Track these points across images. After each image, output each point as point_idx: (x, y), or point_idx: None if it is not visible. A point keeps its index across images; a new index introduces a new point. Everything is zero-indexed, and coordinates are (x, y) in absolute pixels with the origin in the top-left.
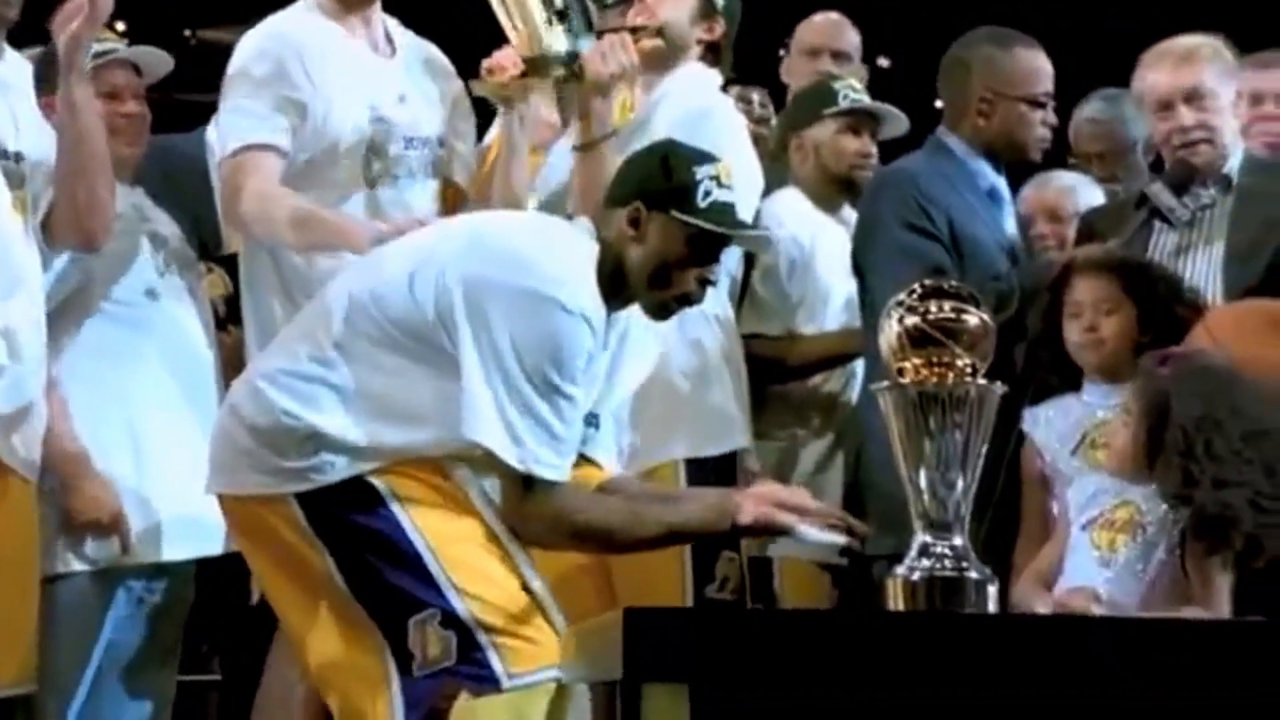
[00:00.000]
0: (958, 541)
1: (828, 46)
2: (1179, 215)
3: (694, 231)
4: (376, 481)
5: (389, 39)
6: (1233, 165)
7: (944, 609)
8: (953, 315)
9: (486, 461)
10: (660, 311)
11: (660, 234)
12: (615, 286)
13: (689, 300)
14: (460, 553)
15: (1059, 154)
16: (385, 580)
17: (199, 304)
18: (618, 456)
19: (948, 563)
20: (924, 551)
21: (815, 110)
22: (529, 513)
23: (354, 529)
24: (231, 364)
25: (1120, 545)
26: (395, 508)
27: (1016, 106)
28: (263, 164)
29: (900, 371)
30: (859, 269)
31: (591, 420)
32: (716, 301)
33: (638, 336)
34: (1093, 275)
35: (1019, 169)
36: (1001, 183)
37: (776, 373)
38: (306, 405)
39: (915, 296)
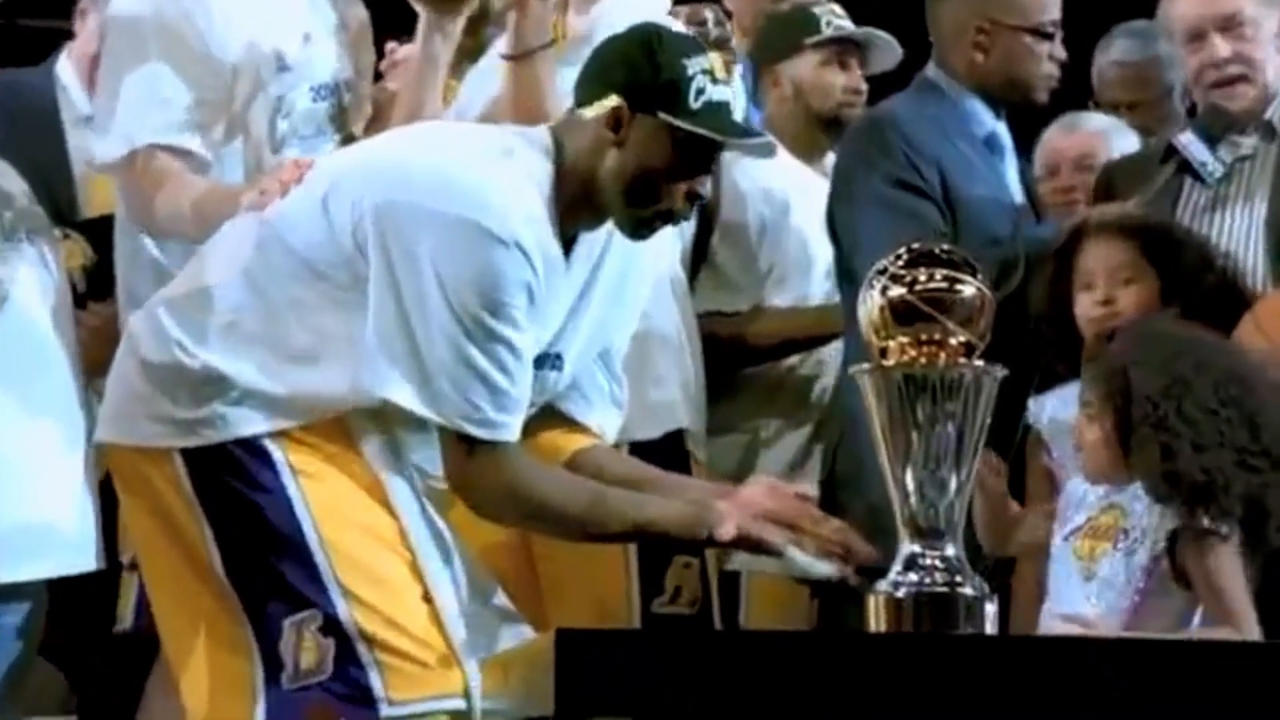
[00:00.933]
0: (950, 552)
1: None
2: (1212, 169)
3: (684, 136)
4: (271, 446)
5: None
6: (1276, 109)
7: (933, 630)
8: (945, 285)
9: (417, 431)
10: (639, 229)
11: (645, 138)
12: (585, 199)
13: (673, 216)
14: (354, 545)
15: (1078, 99)
16: (265, 565)
17: (53, 277)
18: (615, 415)
19: (938, 576)
20: (911, 563)
21: (794, 40)
22: (472, 480)
23: (239, 500)
24: (96, 346)
25: (1100, 555)
26: (287, 479)
27: (1019, 38)
28: (178, 171)
29: (883, 352)
30: (834, 232)
31: (553, 363)
32: (670, 274)
33: (637, 265)
34: (1108, 239)
35: (1022, 113)
36: (1002, 129)
37: (737, 354)
38: (202, 340)
39: (901, 263)
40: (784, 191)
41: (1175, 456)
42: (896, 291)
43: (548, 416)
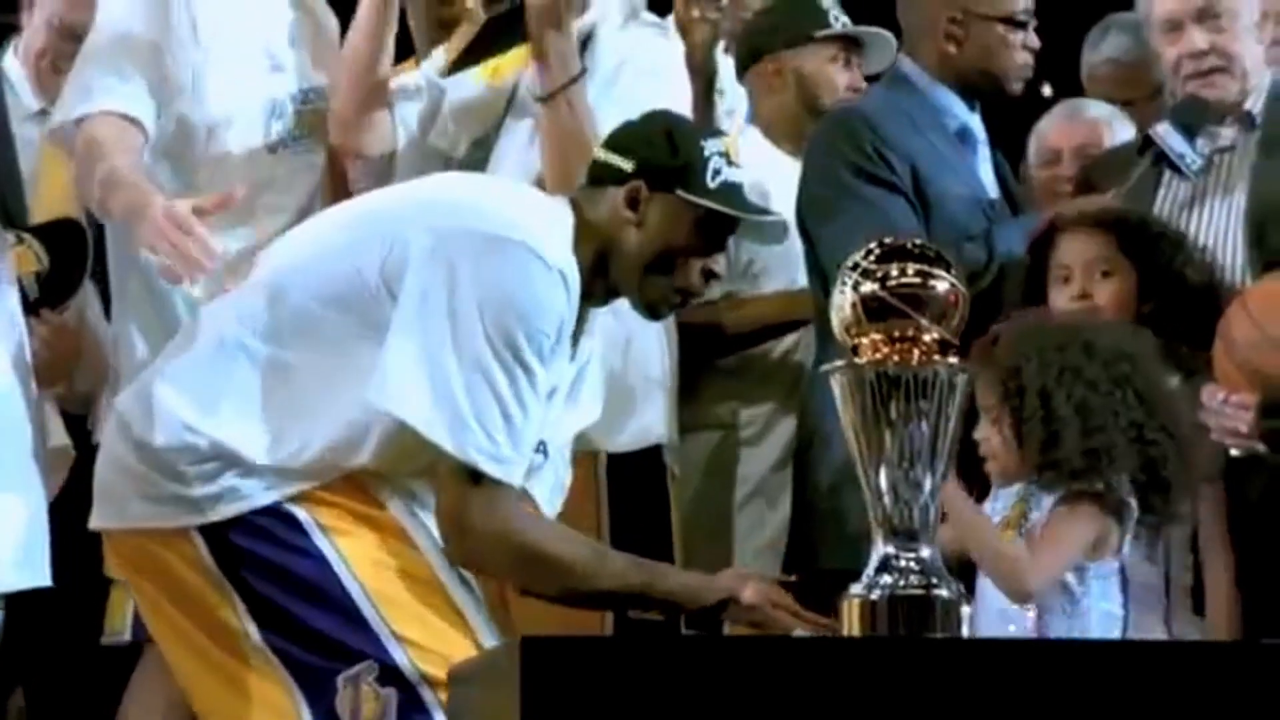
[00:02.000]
0: (925, 553)
1: None
2: (1190, 161)
3: (702, 214)
4: (297, 510)
5: None
6: (1257, 100)
7: (909, 633)
8: (918, 280)
9: (426, 483)
10: (655, 307)
11: (663, 217)
12: (599, 276)
13: (689, 294)
14: (398, 591)
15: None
16: (308, 628)
17: (4, 285)
18: (556, 496)
19: (913, 579)
20: (885, 565)
21: (803, 31)
22: (469, 521)
23: (270, 566)
24: (49, 354)
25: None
26: (320, 540)
27: (992, 28)
28: (112, 140)
29: (855, 349)
30: (803, 227)
31: (541, 448)
32: None
33: (594, 368)
34: (1084, 233)
35: (996, 104)
36: (975, 121)
37: (713, 343)
38: (208, 414)
39: (873, 258)
40: (765, 183)
41: (1059, 444)
42: (869, 287)
43: None
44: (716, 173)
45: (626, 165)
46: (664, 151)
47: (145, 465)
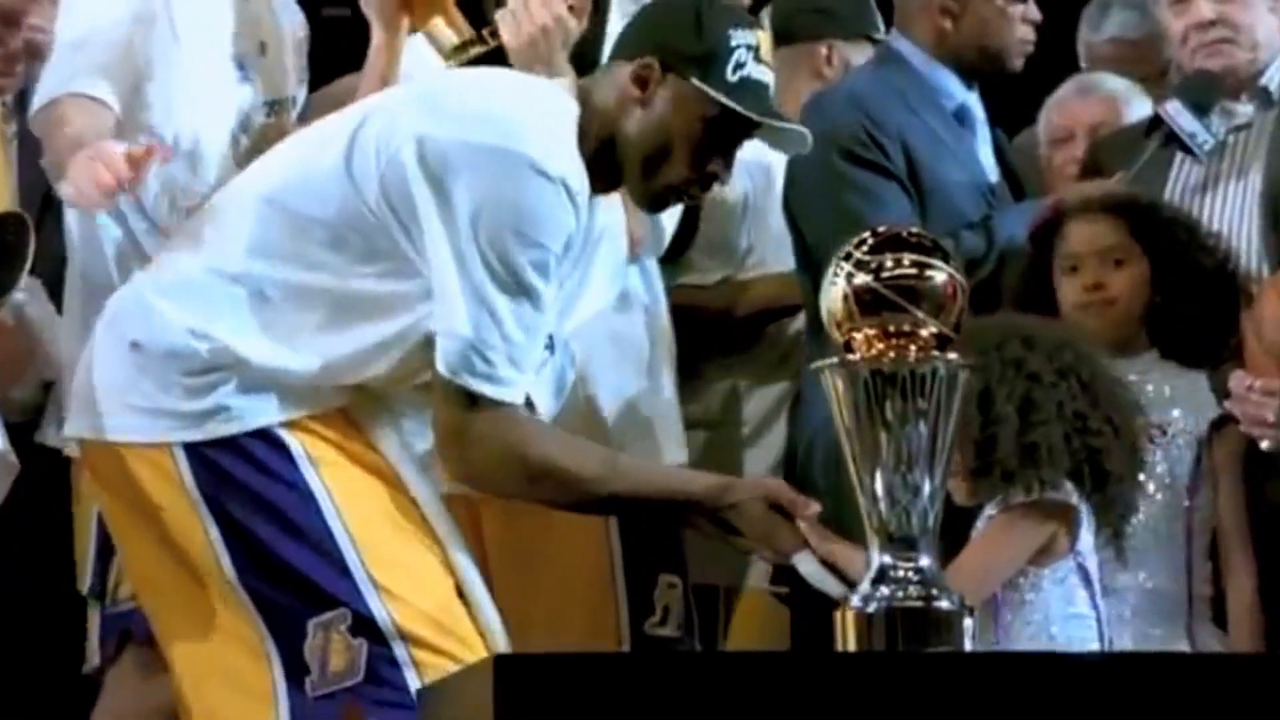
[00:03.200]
0: (924, 562)
1: None
2: (1202, 140)
3: (716, 110)
4: (286, 436)
5: None
6: (1276, 74)
7: (908, 648)
8: (914, 272)
9: (423, 415)
10: (654, 200)
11: (672, 103)
12: (601, 161)
13: (689, 192)
14: (383, 537)
15: (1057, 66)
16: (283, 563)
17: None
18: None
19: (912, 590)
20: (883, 576)
21: (864, 28)
22: (470, 438)
23: (251, 494)
24: None
25: None
26: (308, 472)
27: (991, 2)
28: (78, 118)
29: (848, 345)
30: (791, 215)
31: (549, 344)
32: (644, 283)
33: (607, 247)
34: (1093, 219)
35: (997, 82)
36: (974, 100)
37: (715, 327)
38: (212, 320)
39: (866, 248)
40: (769, 167)
41: (995, 446)
42: (862, 279)
43: None
44: (740, 66)
45: (644, 39)
46: (687, 32)
47: (136, 370)
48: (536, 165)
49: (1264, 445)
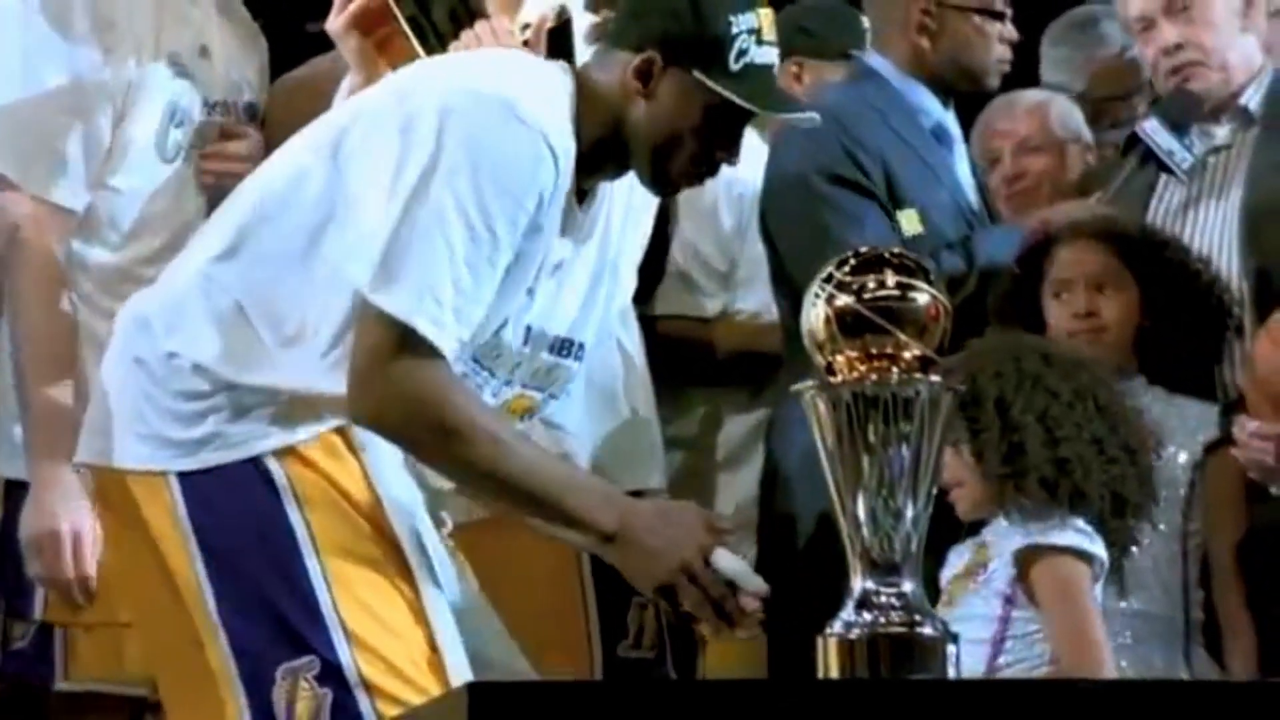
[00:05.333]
0: (907, 588)
1: None
2: (1181, 159)
3: (720, 99)
4: (276, 468)
5: None
6: (1255, 94)
7: (891, 675)
8: (897, 293)
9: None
10: (664, 186)
11: (676, 96)
12: (607, 146)
13: (702, 175)
14: (357, 581)
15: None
16: (262, 603)
17: None
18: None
19: (895, 616)
20: (865, 602)
21: (843, 46)
22: (394, 373)
23: (235, 527)
24: None
25: (960, 593)
26: (292, 510)
27: (968, 19)
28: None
29: (830, 367)
30: (767, 234)
31: (576, 353)
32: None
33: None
34: (1083, 244)
35: (973, 101)
36: (950, 118)
37: (698, 364)
38: (200, 340)
39: (848, 269)
40: (757, 184)
41: (1024, 451)
42: (844, 300)
43: None
44: (742, 53)
45: (642, 30)
46: (686, 22)
47: (142, 393)
48: (517, 113)
49: (1274, 490)
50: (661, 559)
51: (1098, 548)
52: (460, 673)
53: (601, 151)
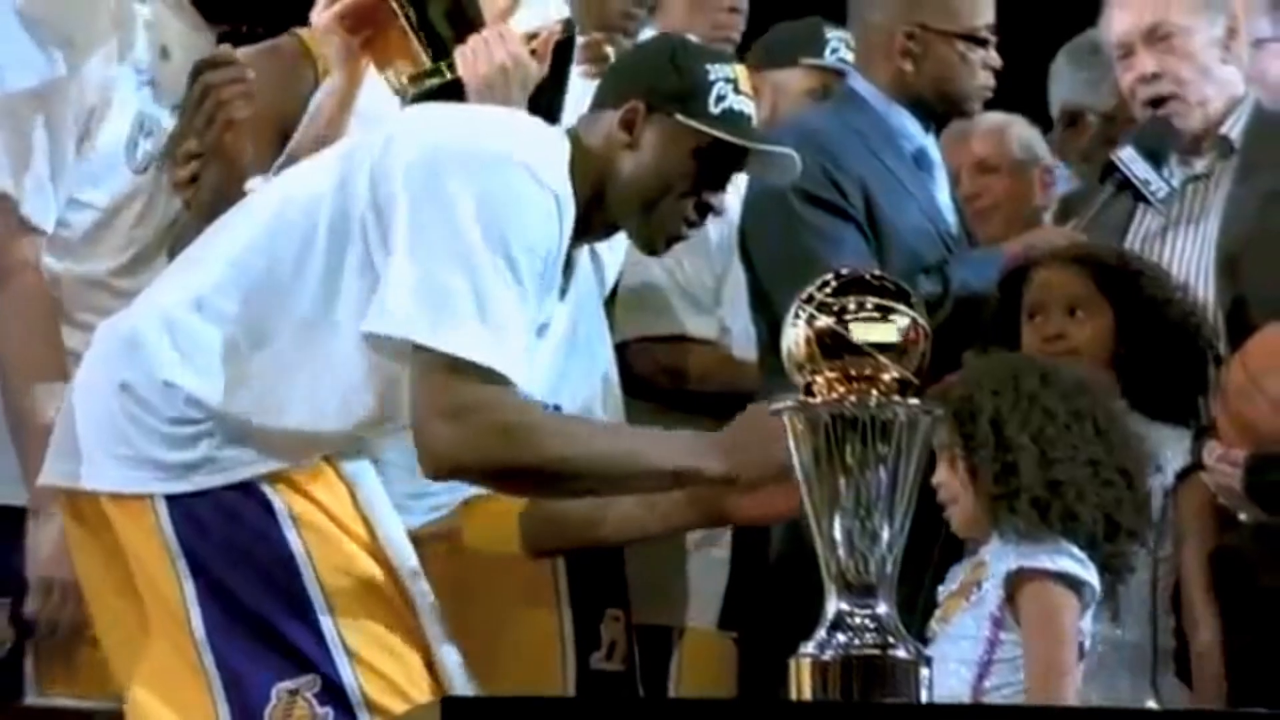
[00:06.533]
0: (882, 610)
1: None
2: (1156, 188)
3: (704, 142)
4: (270, 492)
5: None
6: (1236, 123)
7: (863, 697)
8: (877, 315)
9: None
10: (652, 240)
11: (661, 142)
12: (597, 208)
13: (691, 224)
14: (357, 604)
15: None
16: (258, 624)
17: None
18: None
19: (869, 638)
20: (838, 623)
21: (794, 54)
22: (460, 413)
23: (229, 550)
24: None
25: (954, 611)
26: (289, 531)
27: (951, 45)
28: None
29: (809, 388)
30: (746, 255)
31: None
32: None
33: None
34: (1059, 269)
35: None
36: (931, 143)
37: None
38: (195, 361)
39: (828, 291)
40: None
41: (1017, 471)
42: (823, 322)
43: None
44: (721, 98)
45: (625, 86)
46: (665, 72)
47: (124, 416)
48: (533, 174)
49: (1242, 516)
50: (770, 465)
51: (1090, 574)
52: (459, 690)
53: (592, 212)
